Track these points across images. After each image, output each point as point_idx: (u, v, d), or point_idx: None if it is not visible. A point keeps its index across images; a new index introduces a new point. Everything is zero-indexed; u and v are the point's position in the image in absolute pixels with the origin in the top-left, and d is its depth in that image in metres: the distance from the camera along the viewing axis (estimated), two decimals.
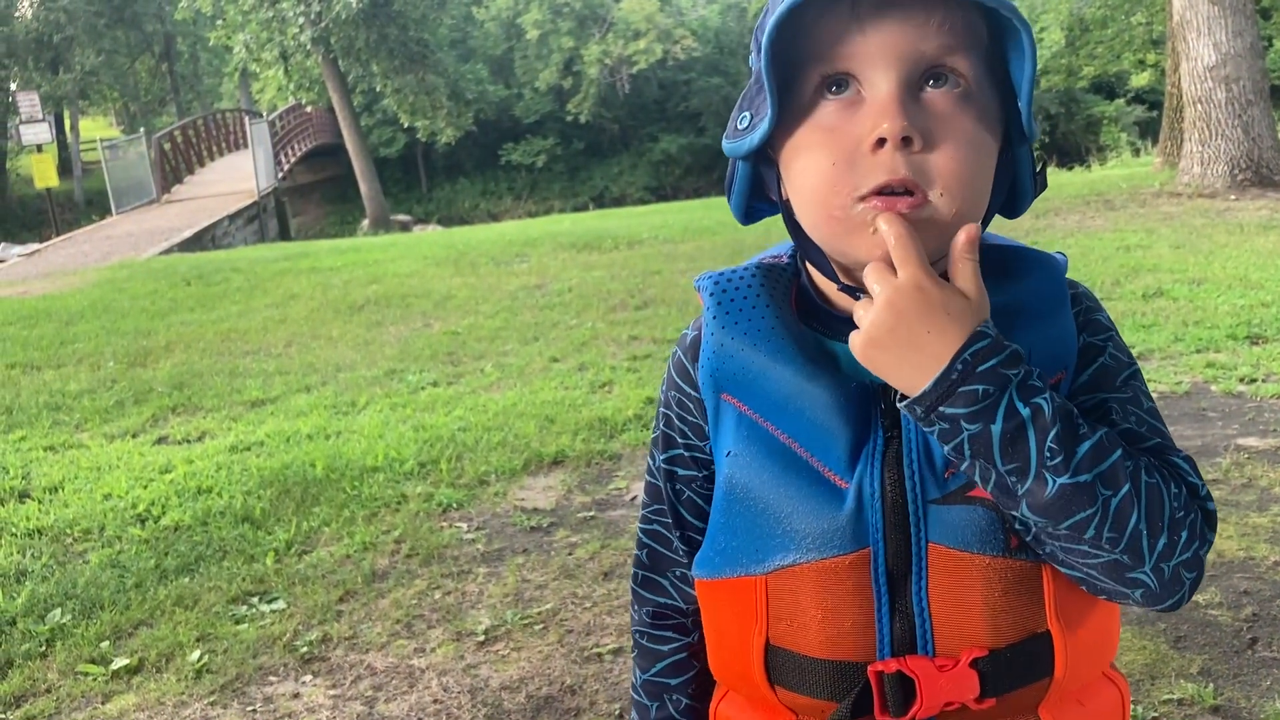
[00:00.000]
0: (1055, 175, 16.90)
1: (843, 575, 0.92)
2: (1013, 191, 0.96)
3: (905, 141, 0.85)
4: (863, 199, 0.86)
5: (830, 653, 0.94)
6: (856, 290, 0.93)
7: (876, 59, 0.86)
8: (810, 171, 0.89)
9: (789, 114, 0.90)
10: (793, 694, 0.97)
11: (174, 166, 24.93)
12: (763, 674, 0.98)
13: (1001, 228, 1.05)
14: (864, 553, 0.92)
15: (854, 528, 0.91)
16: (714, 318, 0.99)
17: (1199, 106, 10.42)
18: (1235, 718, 2.51)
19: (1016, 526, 0.89)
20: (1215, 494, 3.66)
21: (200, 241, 17.24)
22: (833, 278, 0.95)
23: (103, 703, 2.95)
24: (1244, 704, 2.56)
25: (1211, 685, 2.62)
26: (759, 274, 1.01)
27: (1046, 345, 0.93)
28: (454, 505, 4.16)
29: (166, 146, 24.46)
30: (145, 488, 4.51)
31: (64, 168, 33.09)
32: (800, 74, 0.89)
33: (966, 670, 0.91)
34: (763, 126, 0.89)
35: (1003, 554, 0.90)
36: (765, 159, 0.95)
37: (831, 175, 0.87)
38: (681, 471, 1.07)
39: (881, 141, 0.85)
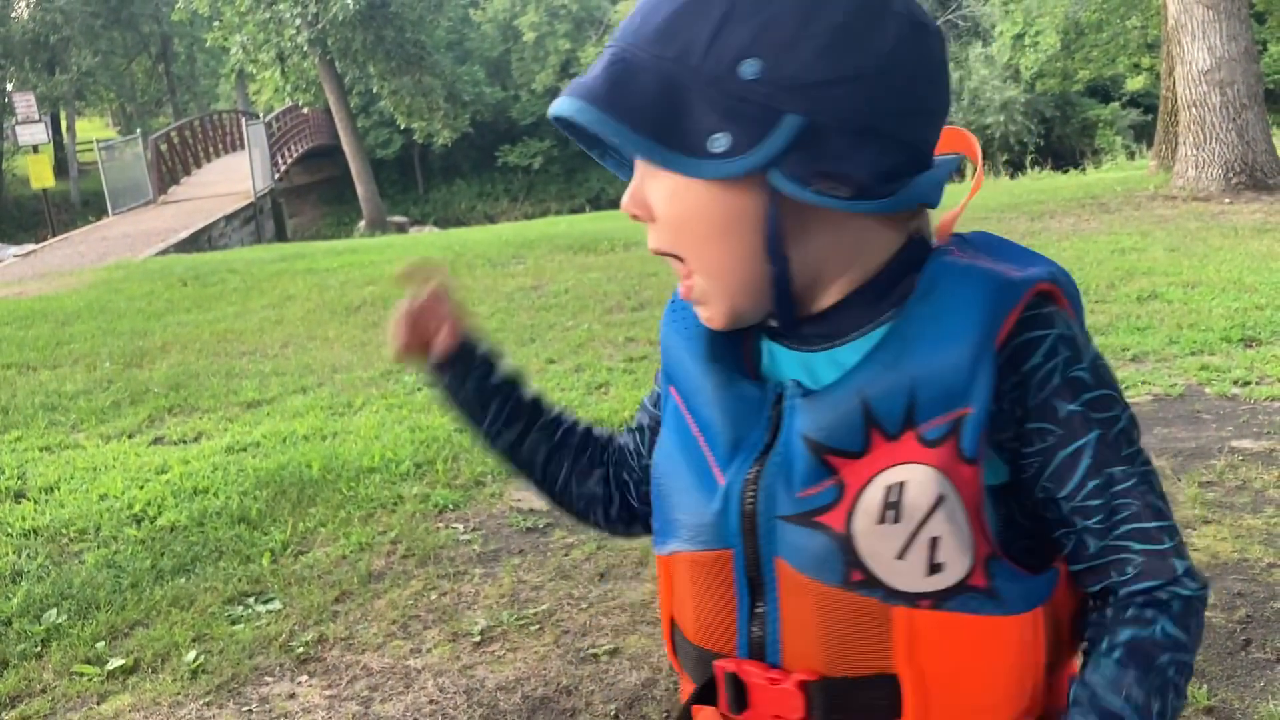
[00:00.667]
0: (1051, 179, 16.94)
1: (710, 570, 0.94)
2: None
3: (637, 218, 0.93)
4: None
5: (700, 640, 0.97)
6: None
7: None
8: None
9: None
10: (681, 670, 1.03)
11: (170, 167, 24.91)
12: (670, 646, 1.04)
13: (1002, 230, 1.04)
14: (727, 552, 0.92)
15: (718, 527, 0.92)
16: (667, 314, 1.06)
17: (1194, 110, 10.45)
18: (1229, 719, 2.53)
19: (864, 563, 0.86)
20: (1209, 496, 3.68)
21: (196, 242, 17.23)
22: None
23: (98, 703, 2.96)
24: (1237, 705, 2.57)
25: (1205, 686, 2.63)
26: None
27: (934, 377, 0.85)
28: (450, 506, 4.16)
29: (163, 147, 24.44)
30: (141, 488, 4.51)
31: (60, 168, 33.05)
32: None
33: (793, 689, 0.90)
34: None
35: (841, 585, 0.87)
36: None
37: None
38: (649, 406, 1.16)
39: None
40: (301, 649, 3.16)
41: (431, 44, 29.93)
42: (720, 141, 0.83)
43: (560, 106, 0.87)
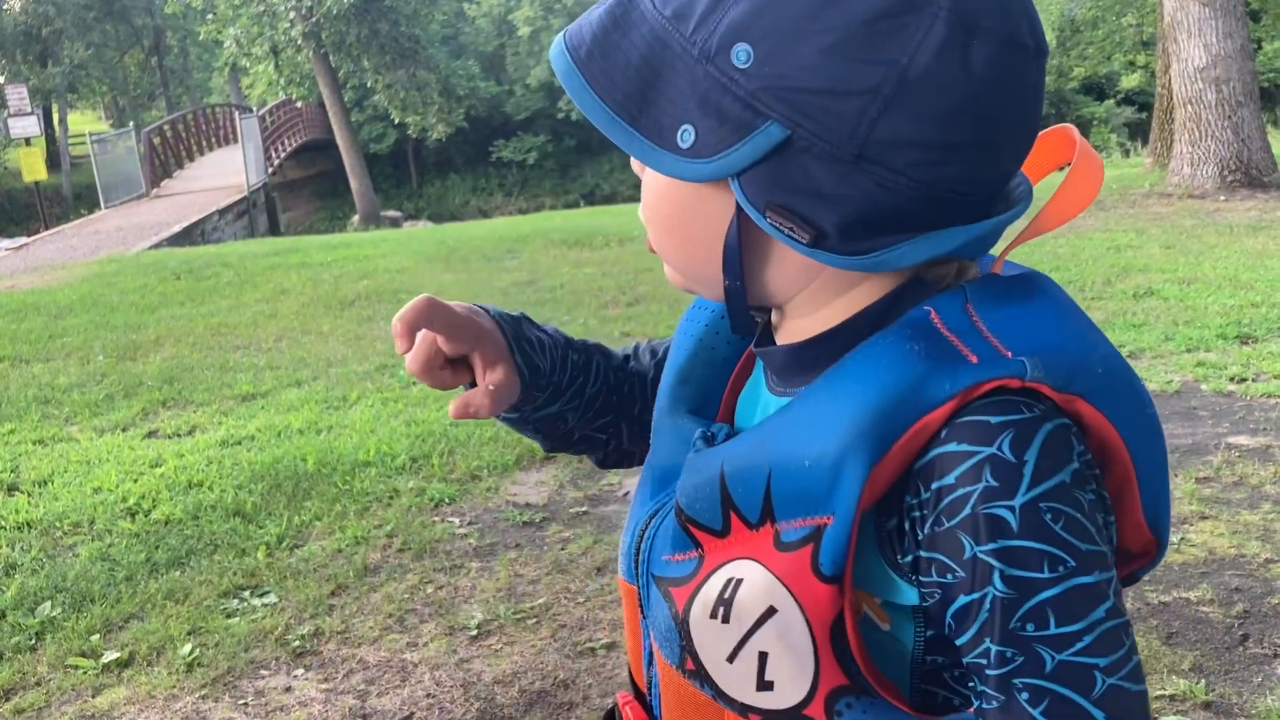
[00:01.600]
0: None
1: (629, 601, 0.87)
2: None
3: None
4: None
5: (630, 664, 0.91)
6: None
7: None
8: None
9: None
10: None
11: (163, 161, 24.84)
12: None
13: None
14: (634, 588, 0.85)
15: (628, 559, 0.86)
16: (687, 311, 0.95)
17: (1189, 108, 10.46)
18: (1226, 713, 2.53)
19: (697, 654, 0.75)
20: (1206, 492, 3.69)
21: (190, 236, 17.19)
22: None
23: (93, 696, 2.94)
24: (1235, 700, 2.57)
25: (1203, 681, 2.63)
26: None
27: (791, 472, 0.69)
28: (446, 500, 4.15)
29: (156, 141, 24.37)
30: (135, 481, 4.49)
31: (52, 161, 32.93)
32: None
33: None
34: None
35: (679, 669, 0.77)
36: None
37: None
38: (657, 360, 1.06)
39: None
40: (297, 642, 3.14)
41: (426, 38, 29.88)
42: (688, 135, 0.70)
43: (555, 54, 0.75)
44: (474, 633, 3.15)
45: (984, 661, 0.66)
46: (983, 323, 0.69)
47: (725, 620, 0.72)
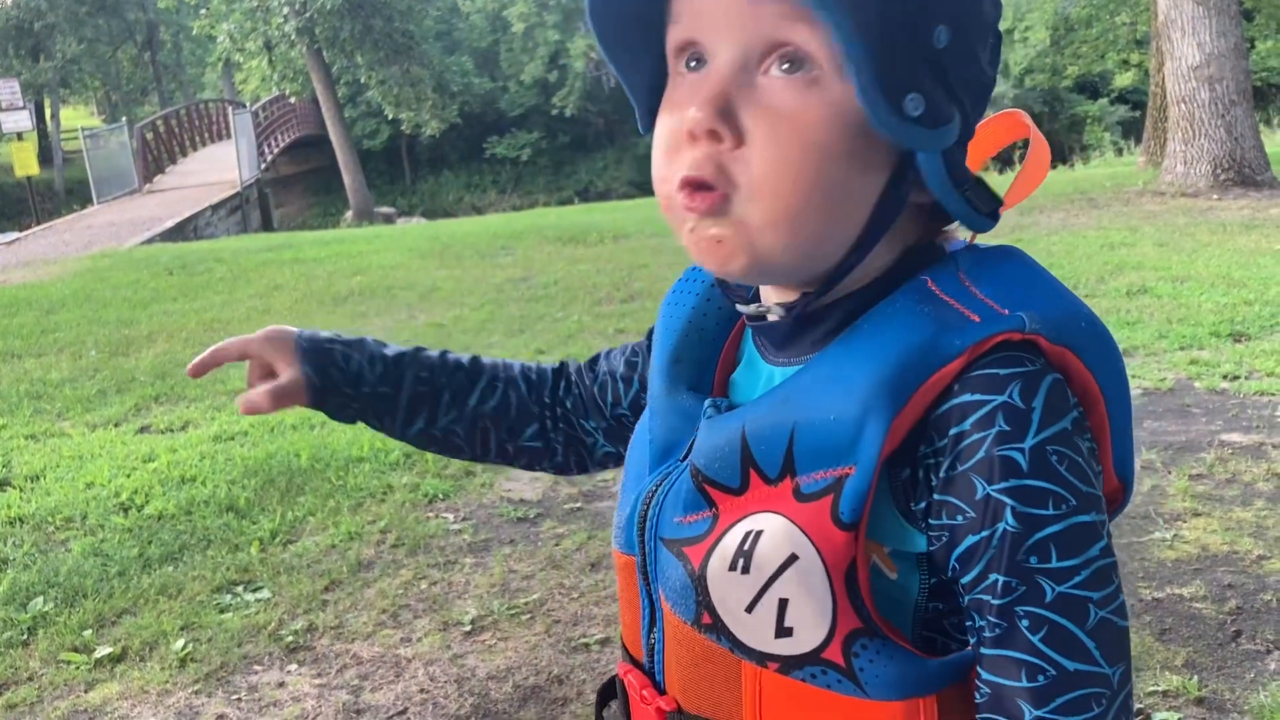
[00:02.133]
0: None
1: (627, 574, 0.89)
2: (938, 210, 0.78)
3: (712, 135, 0.72)
4: (679, 188, 0.75)
5: (625, 640, 0.93)
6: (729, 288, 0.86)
7: (719, 25, 0.73)
8: (653, 157, 0.79)
9: (658, 87, 0.80)
10: None
11: (156, 156, 24.76)
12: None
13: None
14: (633, 559, 0.88)
15: (628, 531, 0.88)
16: (669, 294, 0.96)
17: (1183, 106, 10.48)
18: (1219, 709, 2.53)
19: (715, 608, 0.77)
20: (1199, 489, 3.69)
21: (182, 232, 17.13)
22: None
23: (85, 691, 2.93)
24: (1228, 696, 2.58)
25: (1196, 677, 2.64)
26: None
27: (814, 427, 0.74)
28: (440, 496, 4.14)
29: (149, 136, 24.30)
30: (128, 476, 4.48)
31: (44, 156, 32.79)
32: (665, 38, 0.78)
33: (654, 714, 0.87)
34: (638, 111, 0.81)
35: (694, 625, 0.80)
36: None
37: (661, 162, 0.77)
38: (628, 358, 1.10)
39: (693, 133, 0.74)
40: (291, 638, 3.14)
41: (420, 34, 29.79)
42: (916, 104, 0.70)
43: None
44: (468, 628, 3.15)
45: (988, 595, 0.71)
46: (976, 288, 0.75)
47: (745, 571, 0.75)
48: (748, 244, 0.74)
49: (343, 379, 1.09)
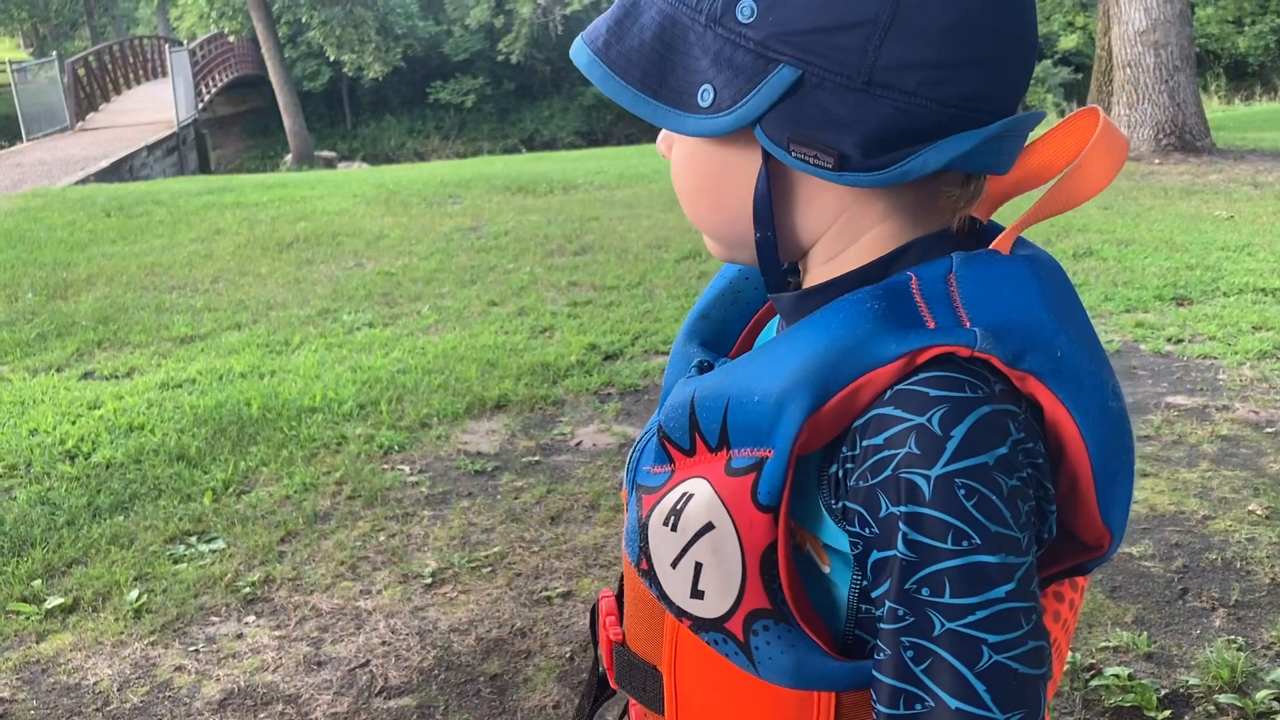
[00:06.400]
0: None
1: (627, 506, 0.94)
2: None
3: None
4: None
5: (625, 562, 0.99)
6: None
7: None
8: None
9: None
10: None
11: (89, 93, 23.97)
12: None
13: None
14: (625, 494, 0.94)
15: (628, 468, 0.94)
16: None
17: (1128, 70, 10.60)
18: (1167, 664, 2.61)
19: (650, 556, 0.80)
20: (1147, 450, 3.78)
21: (118, 172, 16.67)
22: None
23: (37, 642, 2.89)
24: (1175, 651, 2.66)
25: (1145, 633, 2.72)
26: None
27: (744, 404, 0.75)
28: (395, 448, 4.11)
29: (80, 72, 23.49)
30: (73, 424, 4.38)
31: None
32: None
33: (606, 640, 0.94)
34: None
35: (635, 567, 0.84)
36: None
37: None
38: None
39: None
40: (248, 589, 3.11)
41: None
42: (707, 94, 0.74)
43: (575, 52, 0.80)
44: (428, 581, 3.14)
45: (881, 614, 0.70)
46: (958, 293, 0.72)
47: (674, 529, 0.77)
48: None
49: None
